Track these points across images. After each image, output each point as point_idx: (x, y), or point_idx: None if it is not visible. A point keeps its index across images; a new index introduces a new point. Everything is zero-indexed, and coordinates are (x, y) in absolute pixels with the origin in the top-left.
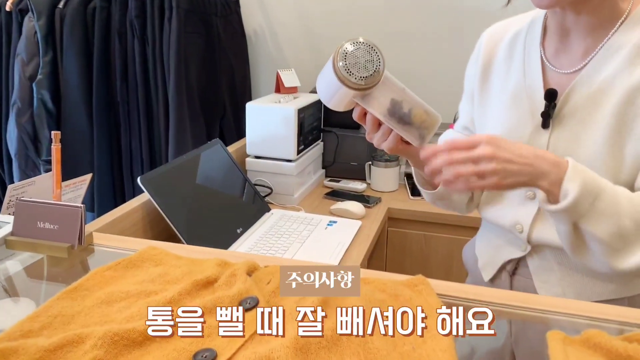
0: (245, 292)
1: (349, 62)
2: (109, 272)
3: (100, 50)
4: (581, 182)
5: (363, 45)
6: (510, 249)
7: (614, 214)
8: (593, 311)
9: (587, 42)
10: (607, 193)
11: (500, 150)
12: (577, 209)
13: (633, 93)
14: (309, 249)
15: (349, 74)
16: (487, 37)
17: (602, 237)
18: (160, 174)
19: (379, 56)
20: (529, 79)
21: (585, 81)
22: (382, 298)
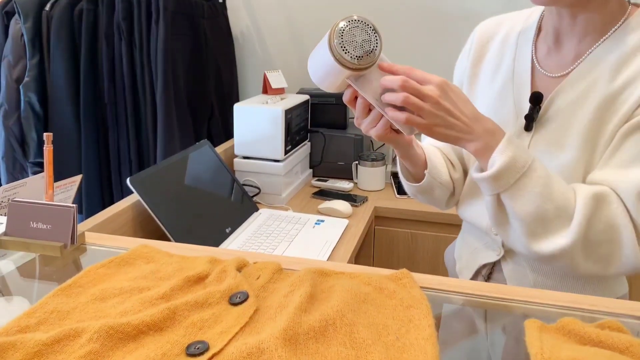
0: (235, 287)
1: (345, 39)
2: (102, 269)
3: (87, 52)
4: (511, 155)
5: (361, 23)
6: (486, 253)
7: (538, 195)
8: (567, 300)
9: (580, 48)
10: (537, 174)
11: (445, 98)
12: (501, 181)
13: (610, 100)
14: (297, 248)
15: (344, 52)
16: (480, 32)
17: (521, 215)
18: (149, 175)
19: (377, 37)
20: (517, 79)
21: (569, 86)
22: (366, 291)
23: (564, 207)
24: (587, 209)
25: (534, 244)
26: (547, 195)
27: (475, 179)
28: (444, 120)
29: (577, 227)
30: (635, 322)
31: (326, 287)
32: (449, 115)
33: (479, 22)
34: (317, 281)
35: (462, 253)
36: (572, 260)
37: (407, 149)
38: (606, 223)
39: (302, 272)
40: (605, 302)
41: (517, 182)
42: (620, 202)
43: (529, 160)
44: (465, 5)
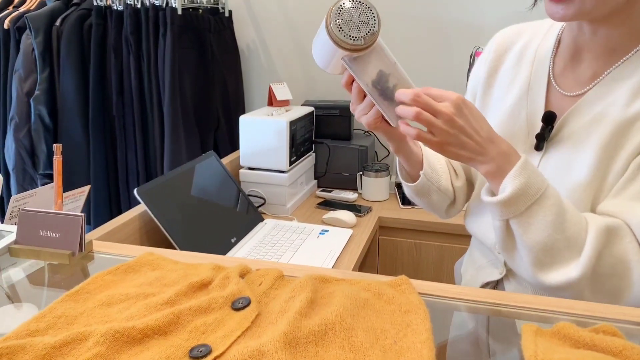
0: (238, 292)
1: (343, 18)
2: (108, 276)
3: (96, 66)
4: (524, 182)
5: (361, 4)
6: (490, 271)
7: (549, 224)
8: (563, 306)
9: (597, 66)
10: (551, 202)
11: (460, 116)
12: (511, 208)
13: (627, 125)
14: (302, 257)
15: (340, 31)
16: (499, 41)
17: (529, 244)
18: (156, 185)
19: (375, 19)
20: (532, 96)
21: (584, 108)
22: (366, 297)
23: (575, 239)
24: (599, 241)
25: (541, 274)
26: (558, 225)
27: (485, 203)
28: (456, 138)
29: (587, 260)
30: (630, 327)
31: (326, 293)
32: (462, 134)
33: (479, 31)
34: (317, 287)
35: (468, 268)
36: (579, 293)
37: (401, 143)
38: (617, 258)
39: (303, 278)
40: (599, 308)
41: (528, 210)
42: (632, 236)
43: (543, 187)
44: (466, 15)
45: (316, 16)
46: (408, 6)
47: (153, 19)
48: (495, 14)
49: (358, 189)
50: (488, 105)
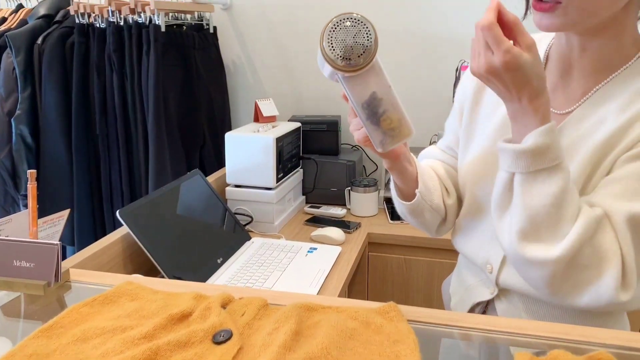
0: (219, 325)
1: (336, 37)
2: (85, 308)
3: (79, 84)
4: (549, 143)
5: (357, 23)
6: (480, 291)
7: (551, 196)
8: (557, 332)
9: (588, 84)
10: (561, 175)
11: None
12: (525, 161)
13: (613, 137)
14: (289, 277)
15: (332, 50)
16: None
17: (523, 206)
18: (139, 206)
19: (371, 39)
20: None
21: (572, 125)
22: (353, 326)
23: (565, 222)
24: (586, 231)
25: (521, 243)
26: (558, 200)
27: (499, 149)
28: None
29: (569, 244)
30: (627, 353)
31: (312, 323)
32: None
33: (465, 45)
34: (303, 317)
35: (457, 289)
36: (551, 276)
37: (396, 161)
38: (595, 248)
39: (288, 307)
40: (595, 333)
41: (539, 172)
42: (613, 230)
43: (560, 158)
44: (452, 29)
45: (302, 30)
46: (394, 20)
47: (136, 36)
48: None
49: (347, 204)
50: (476, 121)
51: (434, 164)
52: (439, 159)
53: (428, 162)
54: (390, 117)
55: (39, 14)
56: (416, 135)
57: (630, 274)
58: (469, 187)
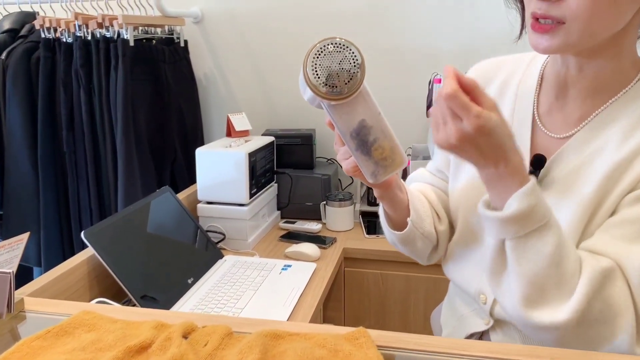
0: (179, 356)
1: (321, 64)
2: (37, 341)
3: (45, 100)
4: (534, 203)
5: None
6: (474, 321)
7: (547, 256)
8: (526, 354)
9: (585, 106)
10: (552, 233)
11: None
12: (513, 227)
13: (617, 169)
14: (262, 297)
15: (316, 78)
16: (476, 75)
17: (521, 272)
18: (106, 226)
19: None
20: (516, 136)
21: (572, 151)
22: (320, 355)
23: (568, 278)
24: (592, 285)
25: (527, 309)
26: (555, 259)
27: (483, 216)
28: (466, 151)
29: (577, 303)
30: None
31: (278, 352)
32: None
33: (437, 58)
34: (268, 346)
35: (449, 319)
36: (562, 337)
37: (387, 190)
38: (606, 303)
39: (253, 336)
40: (567, 355)
41: (528, 235)
42: (624, 280)
43: (548, 215)
44: (424, 43)
45: (275, 43)
46: (367, 34)
47: (104, 51)
48: (452, 40)
49: (322, 218)
50: None
51: (423, 188)
52: (429, 182)
53: (417, 186)
54: (382, 146)
55: (3, 28)
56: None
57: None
58: (461, 213)
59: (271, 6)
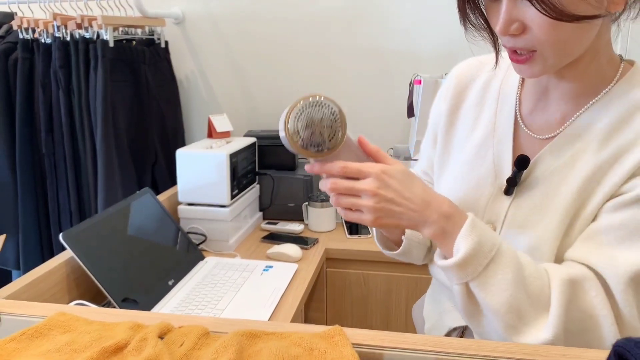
0: (154, 357)
1: (301, 124)
2: (11, 344)
3: (23, 102)
4: (477, 240)
5: (322, 106)
6: (456, 316)
7: (510, 282)
8: (501, 350)
9: (567, 108)
10: (507, 258)
11: (385, 189)
12: (468, 269)
13: (598, 172)
14: (243, 298)
15: (298, 137)
16: (459, 75)
17: (493, 306)
18: (85, 228)
19: (339, 119)
20: (499, 136)
21: (554, 152)
22: (296, 353)
23: (538, 295)
24: (564, 297)
25: (512, 336)
26: (519, 282)
27: (441, 267)
28: (389, 211)
29: (556, 319)
30: None
31: (253, 352)
32: (393, 204)
33: (418, 59)
34: (244, 345)
35: (431, 312)
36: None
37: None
38: (585, 312)
39: (229, 336)
40: (538, 350)
41: (485, 269)
42: (599, 289)
43: (497, 243)
44: (405, 44)
45: (257, 44)
46: (349, 35)
47: (83, 52)
48: (432, 42)
49: (304, 219)
50: (451, 143)
51: None
52: None
53: None
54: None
55: None
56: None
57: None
58: None
59: (252, 7)
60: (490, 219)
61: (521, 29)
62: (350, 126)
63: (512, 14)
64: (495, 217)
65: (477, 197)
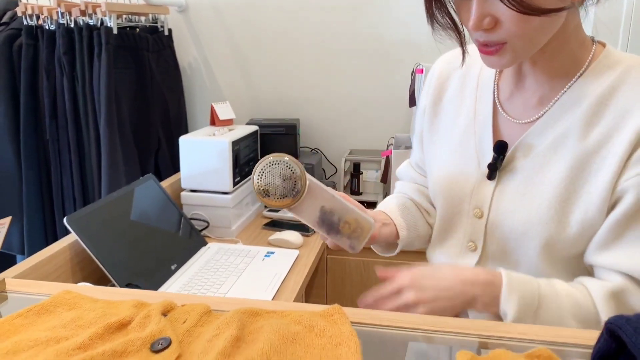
0: (158, 332)
1: (265, 181)
2: (18, 319)
3: (27, 88)
4: (519, 298)
5: (278, 163)
6: None
7: (559, 318)
8: (499, 330)
9: (543, 90)
10: (549, 299)
11: (424, 292)
12: (521, 320)
13: (586, 158)
14: (245, 283)
15: (265, 195)
16: (440, 68)
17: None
18: (88, 212)
19: (297, 170)
20: (479, 123)
21: (537, 135)
22: (296, 330)
23: (588, 319)
24: (611, 309)
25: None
26: (564, 314)
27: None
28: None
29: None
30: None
31: (254, 329)
32: (438, 301)
33: (420, 48)
34: (245, 322)
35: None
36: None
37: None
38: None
39: (230, 313)
40: (534, 330)
41: (536, 316)
42: (638, 292)
43: (536, 289)
44: (407, 33)
45: (260, 32)
46: (349, 24)
47: (87, 38)
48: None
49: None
50: (437, 135)
51: (408, 189)
52: (413, 179)
53: (401, 188)
54: (347, 222)
55: None
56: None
57: None
58: (439, 203)
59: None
60: (477, 204)
61: (493, 23)
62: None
63: (484, 9)
64: (482, 203)
65: (463, 184)
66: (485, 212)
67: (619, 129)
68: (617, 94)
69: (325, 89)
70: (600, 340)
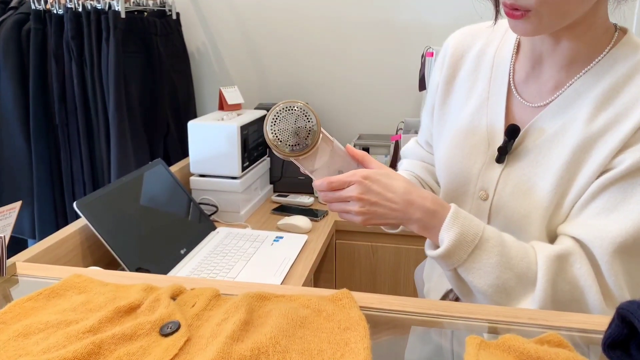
0: (167, 316)
1: (279, 127)
2: (29, 302)
3: (36, 73)
4: (459, 231)
5: (295, 110)
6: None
7: (495, 265)
8: (507, 315)
9: (560, 76)
10: (491, 244)
11: (368, 193)
12: (453, 258)
13: (589, 142)
14: (254, 267)
15: (278, 141)
16: (454, 45)
17: (481, 288)
18: (98, 197)
19: (313, 119)
20: (492, 105)
21: (546, 120)
22: (304, 314)
23: (525, 273)
24: (550, 271)
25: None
26: (504, 264)
27: (431, 257)
28: (374, 213)
29: (542, 292)
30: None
31: (263, 313)
32: (377, 207)
33: (430, 31)
34: (254, 306)
35: (431, 274)
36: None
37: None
38: (571, 284)
39: (239, 297)
40: (543, 315)
41: (470, 256)
42: (584, 260)
43: (479, 231)
44: (417, 16)
45: (268, 16)
46: (360, 8)
47: (95, 23)
48: (445, 14)
49: (314, 192)
50: (448, 112)
51: (414, 166)
52: (419, 157)
53: (408, 165)
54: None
55: None
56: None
57: (618, 299)
58: (443, 180)
59: None
60: (483, 186)
61: None
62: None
63: None
64: (488, 185)
65: (471, 165)
66: (491, 194)
67: (627, 115)
68: (630, 82)
69: (333, 73)
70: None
